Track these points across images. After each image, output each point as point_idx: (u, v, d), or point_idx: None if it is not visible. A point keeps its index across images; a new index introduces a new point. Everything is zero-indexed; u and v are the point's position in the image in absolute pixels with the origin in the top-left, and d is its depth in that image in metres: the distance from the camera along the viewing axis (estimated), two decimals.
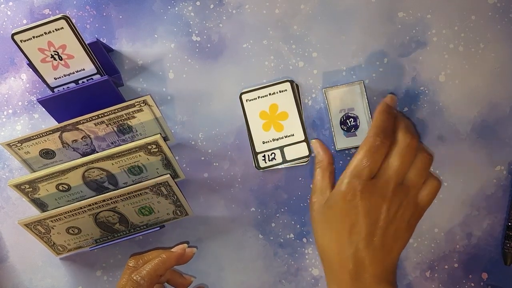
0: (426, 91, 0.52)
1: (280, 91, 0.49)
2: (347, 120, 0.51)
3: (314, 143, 0.51)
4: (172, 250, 0.48)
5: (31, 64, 0.49)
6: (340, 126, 0.51)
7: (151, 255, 0.47)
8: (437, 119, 0.51)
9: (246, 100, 0.50)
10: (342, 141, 0.51)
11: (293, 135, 0.51)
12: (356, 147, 0.51)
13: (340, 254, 0.44)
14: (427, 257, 0.51)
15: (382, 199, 0.43)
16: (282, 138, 0.50)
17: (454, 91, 0.51)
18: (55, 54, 0.48)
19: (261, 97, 0.50)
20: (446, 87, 0.51)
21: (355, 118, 0.51)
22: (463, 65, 0.51)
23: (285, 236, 0.53)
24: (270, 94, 0.50)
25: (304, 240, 0.52)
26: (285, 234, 0.53)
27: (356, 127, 0.51)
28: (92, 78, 0.50)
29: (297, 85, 0.51)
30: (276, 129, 0.51)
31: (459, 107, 0.51)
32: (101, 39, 0.54)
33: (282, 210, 0.53)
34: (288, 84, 0.49)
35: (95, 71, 0.50)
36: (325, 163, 0.49)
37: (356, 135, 0.51)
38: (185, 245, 0.49)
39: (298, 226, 0.52)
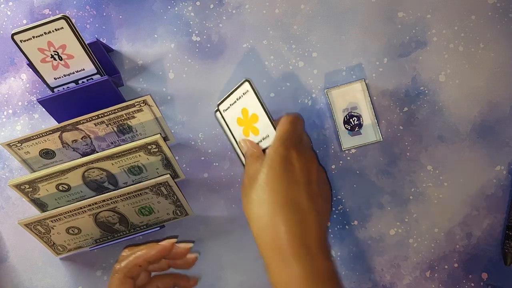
0: (426, 91, 0.52)
1: (243, 94, 0.47)
2: (351, 119, 0.51)
3: (241, 142, 0.48)
4: (160, 243, 0.47)
5: (31, 64, 0.49)
6: (344, 125, 0.51)
7: (141, 246, 0.47)
8: (437, 119, 0.51)
9: (223, 111, 0.48)
10: (347, 141, 0.51)
11: (268, 136, 0.46)
12: (362, 146, 0.51)
13: (276, 221, 0.41)
14: (427, 257, 0.51)
15: (311, 159, 0.45)
16: (261, 141, 0.47)
17: (454, 91, 0.51)
18: (55, 54, 0.48)
19: (232, 104, 0.48)
20: (446, 87, 0.51)
21: (358, 117, 0.51)
22: (463, 65, 0.51)
23: None
24: (237, 99, 0.47)
25: None
26: None
27: (360, 125, 0.51)
28: (92, 78, 0.50)
29: (251, 81, 0.47)
30: (253, 133, 0.48)
31: (459, 107, 0.51)
32: (101, 39, 0.54)
33: None
34: (247, 84, 0.46)
35: (95, 71, 0.50)
36: (252, 150, 0.47)
37: (361, 134, 0.51)
38: (174, 240, 0.48)
39: None
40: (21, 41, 0.47)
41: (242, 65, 0.53)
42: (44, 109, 0.51)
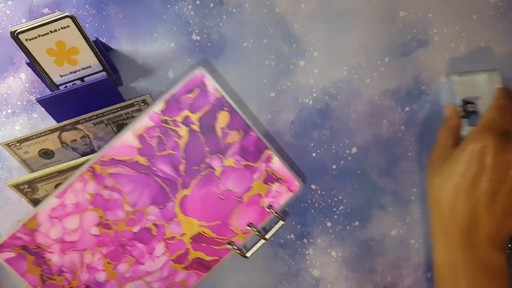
0: (427, 91, 0.51)
1: (62, 28, 0.47)
2: (467, 105, 0.48)
3: (448, 106, 0.48)
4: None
5: (34, 63, 0.48)
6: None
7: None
8: (438, 119, 0.51)
9: (27, 40, 0.47)
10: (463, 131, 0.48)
11: (90, 66, 0.48)
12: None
13: (454, 206, 0.42)
14: (428, 258, 0.51)
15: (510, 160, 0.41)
16: (80, 70, 0.48)
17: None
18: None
19: (42, 35, 0.47)
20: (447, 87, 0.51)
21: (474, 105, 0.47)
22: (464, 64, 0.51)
23: (286, 237, 0.52)
24: (51, 32, 0.47)
25: (305, 240, 0.52)
26: (285, 234, 0.52)
27: (476, 113, 0.47)
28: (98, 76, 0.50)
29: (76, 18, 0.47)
30: (70, 63, 0.48)
31: None
32: (100, 38, 0.54)
33: (282, 210, 0.52)
34: (69, 20, 0.46)
35: (101, 68, 0.50)
36: (454, 122, 0.47)
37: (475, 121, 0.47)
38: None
39: (298, 226, 0.52)
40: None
41: (242, 64, 0.53)
42: (43, 109, 0.51)
